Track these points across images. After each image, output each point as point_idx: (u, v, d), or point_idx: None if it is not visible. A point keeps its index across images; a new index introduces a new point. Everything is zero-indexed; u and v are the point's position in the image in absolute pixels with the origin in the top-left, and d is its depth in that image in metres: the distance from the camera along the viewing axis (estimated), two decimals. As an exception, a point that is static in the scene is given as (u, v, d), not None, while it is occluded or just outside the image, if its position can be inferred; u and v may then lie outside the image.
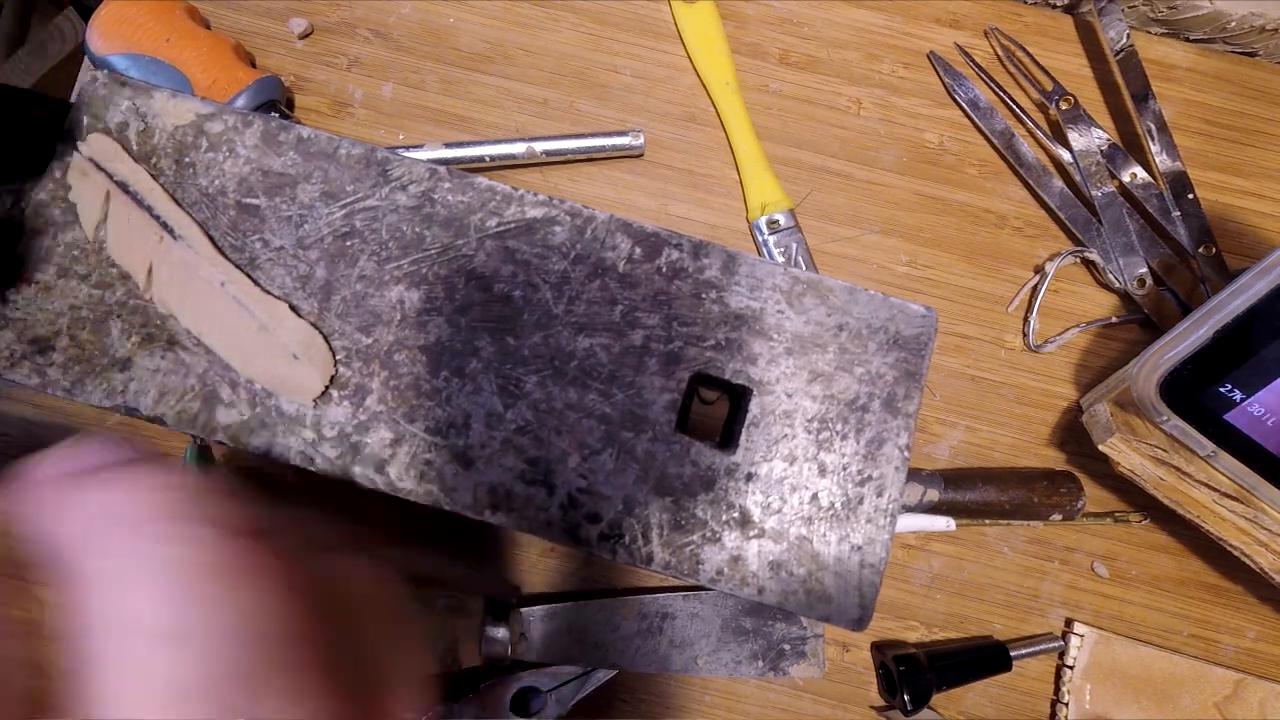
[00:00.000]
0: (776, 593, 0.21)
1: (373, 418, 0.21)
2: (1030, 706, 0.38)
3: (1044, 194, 0.41)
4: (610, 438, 0.22)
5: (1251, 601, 0.39)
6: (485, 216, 0.22)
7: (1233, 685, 0.38)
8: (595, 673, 0.36)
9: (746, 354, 0.22)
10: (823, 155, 0.42)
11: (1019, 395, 0.40)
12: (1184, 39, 0.44)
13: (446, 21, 0.42)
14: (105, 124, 0.22)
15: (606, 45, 0.42)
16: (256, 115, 0.22)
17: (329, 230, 0.22)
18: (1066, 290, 0.41)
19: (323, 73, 0.41)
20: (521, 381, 0.22)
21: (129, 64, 0.37)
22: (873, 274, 0.41)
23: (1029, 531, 0.39)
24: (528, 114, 0.42)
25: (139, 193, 0.21)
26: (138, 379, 0.21)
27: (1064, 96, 0.41)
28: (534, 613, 0.36)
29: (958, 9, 0.43)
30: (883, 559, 0.22)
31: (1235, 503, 0.34)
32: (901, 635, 0.39)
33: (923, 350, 0.23)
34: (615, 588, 0.38)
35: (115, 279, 0.21)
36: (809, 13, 0.43)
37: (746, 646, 0.37)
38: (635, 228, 0.22)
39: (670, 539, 0.21)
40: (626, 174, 0.41)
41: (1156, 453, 0.35)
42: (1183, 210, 0.40)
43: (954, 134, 0.42)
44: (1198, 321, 0.32)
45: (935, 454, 0.40)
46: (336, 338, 0.21)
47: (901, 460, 0.22)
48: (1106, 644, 0.38)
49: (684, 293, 0.22)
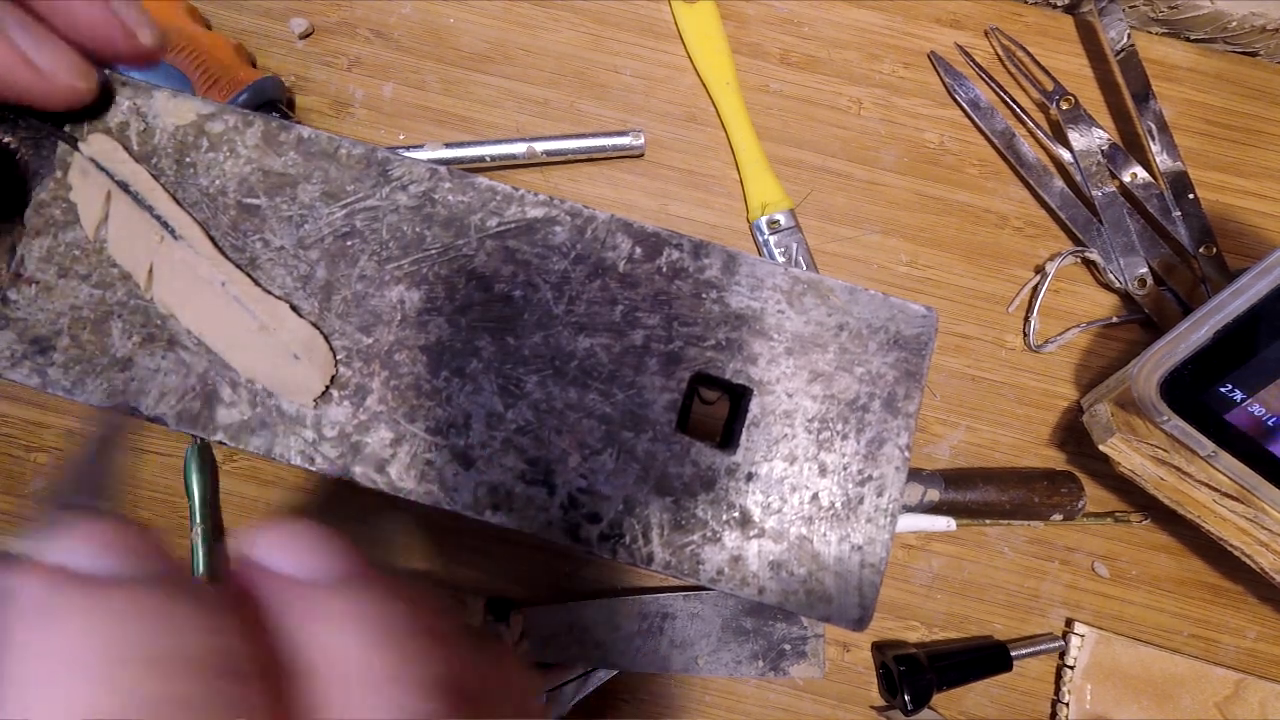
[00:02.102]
0: (777, 593, 0.21)
1: (373, 418, 0.21)
2: (1031, 706, 0.38)
3: (1044, 194, 0.41)
4: (610, 438, 0.22)
5: (1252, 601, 0.39)
6: (486, 216, 0.22)
7: (1233, 685, 0.38)
8: (595, 673, 0.36)
9: (747, 354, 0.22)
10: (823, 155, 0.42)
11: (1019, 395, 0.40)
12: (1185, 39, 0.44)
13: (447, 21, 0.42)
14: (105, 124, 0.22)
15: (607, 45, 0.42)
16: (257, 115, 0.22)
17: (329, 230, 0.22)
18: (1067, 290, 0.41)
19: (323, 73, 0.41)
20: (522, 381, 0.22)
21: (129, 64, 0.37)
22: (873, 274, 0.41)
23: (1029, 531, 0.39)
24: (528, 114, 0.42)
25: (140, 193, 0.21)
26: (138, 379, 0.21)
27: (1064, 96, 0.41)
28: (534, 613, 0.36)
29: (958, 9, 0.43)
30: (883, 559, 0.22)
31: (1236, 503, 0.34)
32: (902, 635, 0.39)
33: (923, 350, 0.22)
34: (615, 588, 0.38)
35: (116, 279, 0.21)
36: (809, 13, 0.43)
37: (747, 646, 0.37)
38: (636, 228, 0.22)
39: (670, 539, 0.21)
40: (627, 174, 0.41)
41: (1157, 453, 0.35)
42: (1183, 210, 0.40)
43: (954, 134, 0.42)
44: (1198, 321, 0.32)
45: (936, 454, 0.40)
46: (337, 338, 0.21)
47: (902, 460, 0.22)
48: (1107, 644, 0.38)
49: (684, 293, 0.22)
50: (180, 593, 0.11)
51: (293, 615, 0.13)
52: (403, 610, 0.13)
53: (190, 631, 0.11)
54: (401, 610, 0.13)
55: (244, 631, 0.12)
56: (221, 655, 0.11)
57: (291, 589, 0.13)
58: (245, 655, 0.11)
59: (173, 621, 0.11)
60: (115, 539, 0.12)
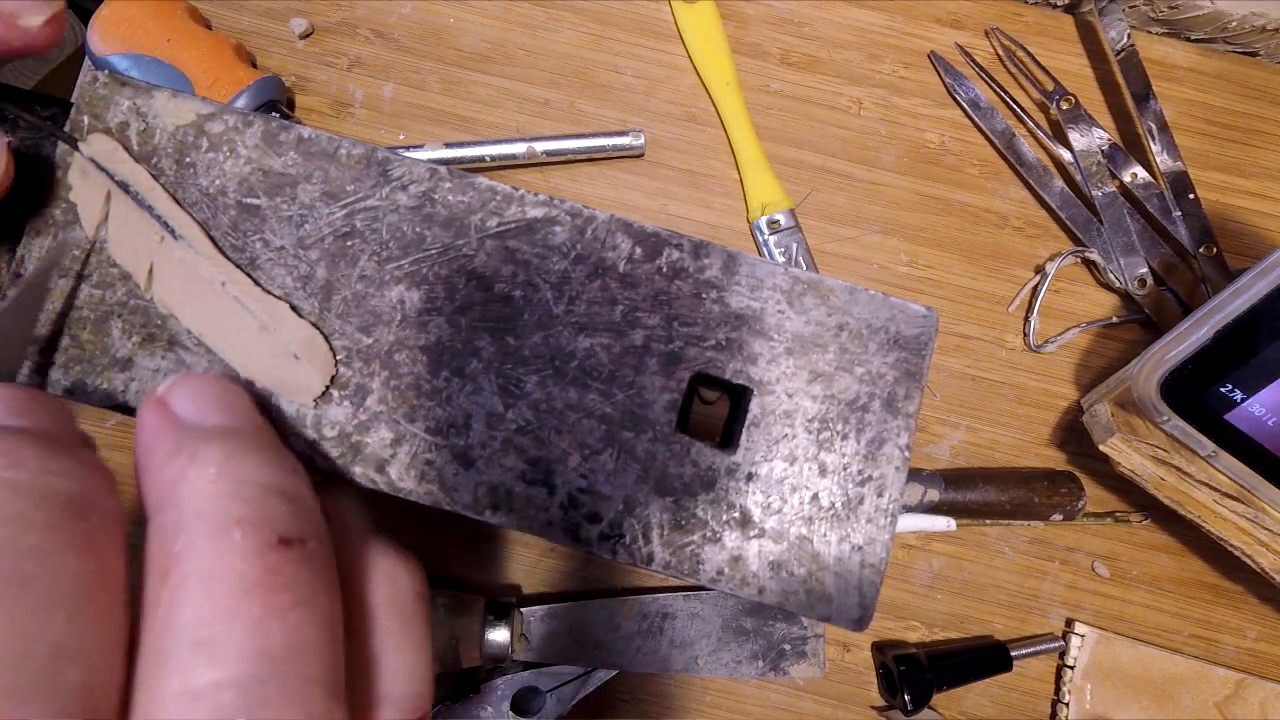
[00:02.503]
0: (777, 593, 0.21)
1: (373, 418, 0.21)
2: (1031, 706, 0.38)
3: (1045, 194, 0.41)
4: (611, 438, 0.22)
5: (1252, 601, 0.39)
6: (486, 216, 0.22)
7: (1233, 685, 0.38)
8: (595, 673, 0.36)
9: (747, 354, 0.22)
10: (823, 155, 0.42)
11: (1019, 395, 0.40)
12: (1185, 39, 0.44)
13: (447, 21, 0.42)
14: (105, 124, 0.22)
15: (607, 45, 0.42)
16: (257, 115, 0.22)
17: (329, 230, 0.22)
18: (1067, 290, 0.41)
19: (323, 73, 0.41)
20: (522, 381, 0.22)
21: (130, 64, 0.37)
22: (873, 274, 0.41)
23: (1030, 531, 0.39)
24: (528, 114, 0.42)
25: (140, 193, 0.21)
26: (139, 379, 0.21)
27: (1065, 96, 0.41)
28: (534, 613, 0.36)
29: (958, 9, 0.43)
30: (883, 559, 0.22)
31: (1236, 503, 0.34)
32: (902, 635, 0.39)
33: (923, 350, 0.22)
34: (615, 588, 0.38)
35: (116, 279, 0.21)
36: (809, 13, 0.43)
37: (747, 646, 0.37)
38: (636, 228, 0.22)
39: (670, 539, 0.21)
40: (627, 174, 0.41)
41: (1157, 453, 0.35)
42: (1183, 210, 0.40)
43: (955, 134, 0.42)
44: (1198, 321, 0.32)
45: (936, 454, 0.40)
46: (337, 338, 0.21)
47: (902, 460, 0.22)
48: (1107, 644, 0.38)
49: (684, 293, 0.22)
50: (41, 441, 0.13)
51: (162, 453, 0.15)
52: (262, 462, 0.15)
53: (31, 468, 0.13)
54: (261, 462, 0.15)
55: (99, 484, 0.14)
56: (57, 494, 0.13)
57: (171, 426, 0.15)
58: (89, 498, 0.13)
59: (15, 455, 0.13)
60: (12, 399, 0.14)
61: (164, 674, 0.12)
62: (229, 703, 0.12)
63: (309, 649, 0.13)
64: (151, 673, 0.12)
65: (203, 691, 0.12)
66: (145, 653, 0.13)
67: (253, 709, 0.12)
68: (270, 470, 0.15)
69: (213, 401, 0.16)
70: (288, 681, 0.13)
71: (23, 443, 0.13)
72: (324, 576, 0.14)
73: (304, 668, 0.13)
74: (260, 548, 0.13)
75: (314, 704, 0.13)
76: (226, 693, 0.12)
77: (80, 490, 0.13)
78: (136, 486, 0.15)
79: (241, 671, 0.12)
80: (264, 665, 0.12)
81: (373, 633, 0.17)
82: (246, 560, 0.13)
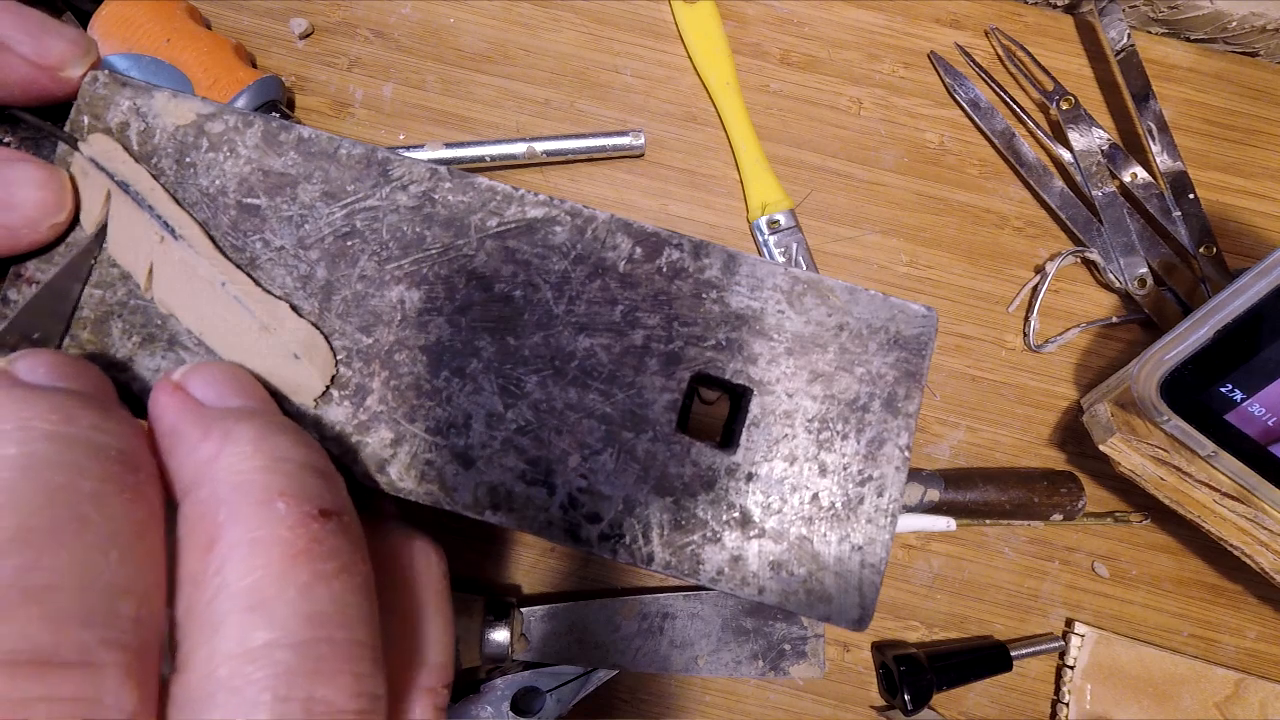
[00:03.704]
0: (777, 593, 0.21)
1: (373, 418, 0.21)
2: (1031, 706, 0.38)
3: (1044, 194, 0.41)
4: (611, 438, 0.22)
5: (1252, 601, 0.39)
6: (486, 216, 0.22)
7: (1233, 685, 0.38)
8: (595, 673, 0.36)
9: (747, 354, 0.22)
10: (823, 155, 0.42)
11: (1019, 395, 0.40)
12: (1185, 39, 0.44)
13: (447, 21, 0.42)
14: (105, 124, 0.22)
15: (607, 45, 0.42)
16: (257, 115, 0.22)
17: (330, 230, 0.22)
18: (1067, 290, 0.41)
19: (323, 73, 0.41)
20: (522, 381, 0.22)
21: (129, 64, 0.37)
22: (873, 274, 0.41)
23: (1029, 531, 0.39)
24: (528, 114, 0.42)
25: (140, 193, 0.21)
26: (139, 379, 0.21)
27: (1064, 96, 0.41)
28: (534, 613, 0.36)
29: (958, 9, 0.43)
30: (883, 559, 0.22)
31: (1236, 503, 0.34)
32: (902, 635, 0.39)
33: (923, 350, 0.22)
34: (615, 588, 0.38)
35: (116, 279, 0.21)
36: (809, 13, 0.43)
37: (747, 646, 0.37)
38: (636, 228, 0.22)
39: (670, 539, 0.21)
40: (627, 174, 0.41)
41: (1157, 453, 0.35)
42: (1183, 210, 0.40)
43: (954, 134, 0.42)
44: (1198, 321, 0.32)
45: (936, 454, 0.40)
46: (337, 338, 0.21)
47: (902, 460, 0.22)
48: (1107, 644, 0.38)
49: (684, 293, 0.22)
50: (91, 402, 0.14)
51: (193, 434, 0.15)
52: (293, 440, 0.15)
53: (85, 425, 0.13)
54: (292, 440, 0.15)
55: (142, 443, 0.15)
56: (109, 448, 0.14)
57: (195, 409, 0.16)
58: (136, 454, 0.14)
59: (70, 412, 0.13)
60: (54, 363, 0.15)
61: (219, 636, 0.13)
62: (283, 661, 0.12)
63: (353, 614, 0.14)
64: (204, 635, 0.13)
65: (259, 652, 0.12)
66: (192, 618, 0.13)
67: (306, 668, 0.13)
68: (301, 448, 0.15)
69: (229, 385, 0.17)
70: (337, 644, 0.13)
71: (74, 402, 0.14)
72: (360, 547, 0.15)
73: (350, 631, 0.13)
74: (303, 518, 0.14)
75: (360, 665, 0.13)
76: (280, 652, 0.12)
77: (127, 446, 0.14)
78: (160, 469, 0.16)
79: (295, 632, 0.13)
80: (315, 627, 0.13)
81: (411, 606, 0.18)
82: (293, 529, 0.14)
